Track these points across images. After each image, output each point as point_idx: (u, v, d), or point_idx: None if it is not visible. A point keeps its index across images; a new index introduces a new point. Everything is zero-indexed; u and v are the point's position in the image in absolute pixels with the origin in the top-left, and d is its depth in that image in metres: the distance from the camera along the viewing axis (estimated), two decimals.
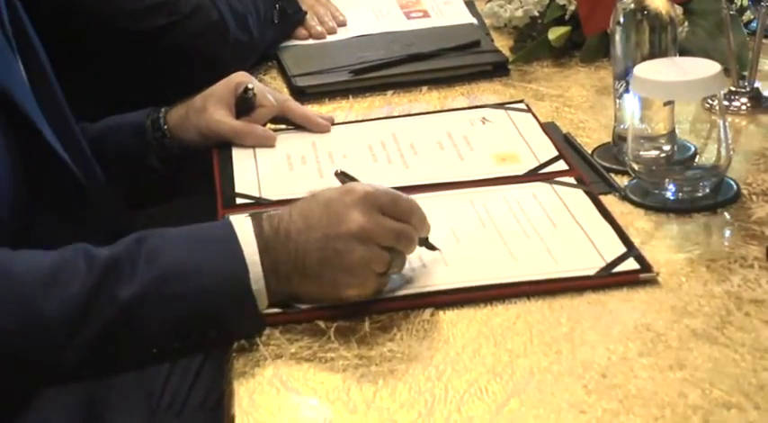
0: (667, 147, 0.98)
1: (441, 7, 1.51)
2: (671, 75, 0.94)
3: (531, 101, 1.19)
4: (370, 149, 1.10)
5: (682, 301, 0.81)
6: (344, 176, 0.87)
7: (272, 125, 1.15)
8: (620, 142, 1.02)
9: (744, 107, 1.13)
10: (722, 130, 0.94)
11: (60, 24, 1.06)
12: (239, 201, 1.01)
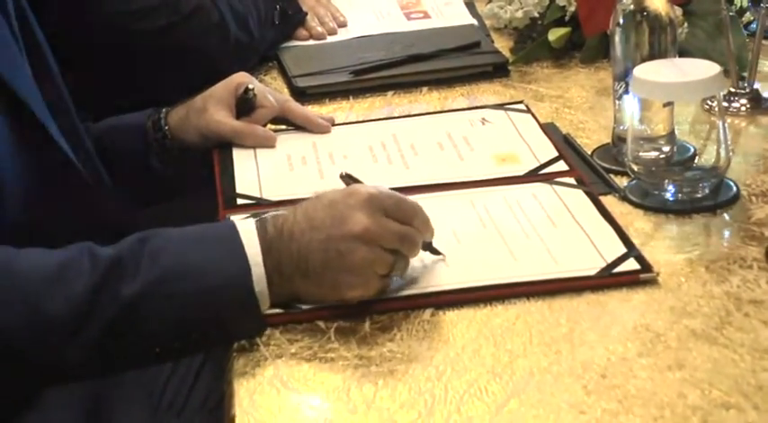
0: (667, 148, 0.98)
1: (441, 8, 1.51)
2: (670, 76, 0.94)
3: (530, 102, 1.19)
4: (371, 150, 1.10)
5: (681, 302, 0.81)
6: (349, 179, 0.87)
7: (272, 126, 1.16)
8: (620, 143, 1.02)
9: (743, 108, 1.13)
10: (722, 131, 0.94)
11: (61, 25, 1.06)
12: (240, 201, 1.01)
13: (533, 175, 1.02)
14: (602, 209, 0.94)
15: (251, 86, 1.12)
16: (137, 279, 0.77)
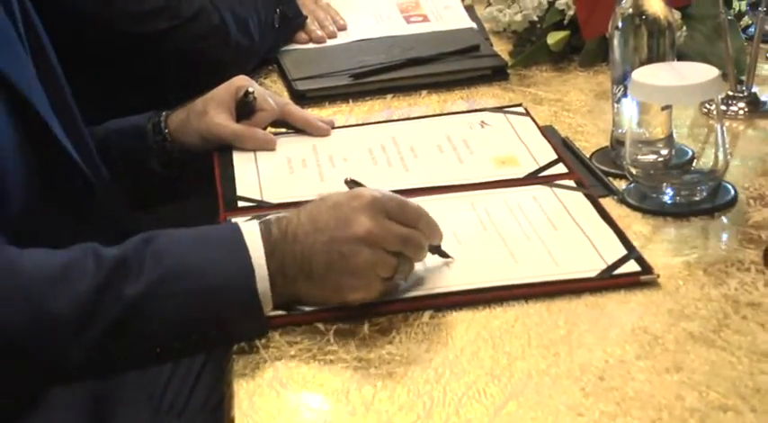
0: (665, 151, 0.98)
1: (440, 12, 1.51)
2: (669, 79, 0.94)
3: (529, 105, 1.20)
4: (370, 153, 1.10)
5: (679, 305, 0.81)
6: (354, 184, 0.87)
7: (272, 129, 1.16)
8: (618, 146, 1.02)
9: (741, 112, 1.13)
10: (720, 134, 0.94)
11: (62, 28, 1.06)
12: (241, 204, 1.01)
13: (533, 178, 1.02)
14: (601, 211, 0.94)
15: (251, 89, 1.13)
16: (140, 279, 0.78)
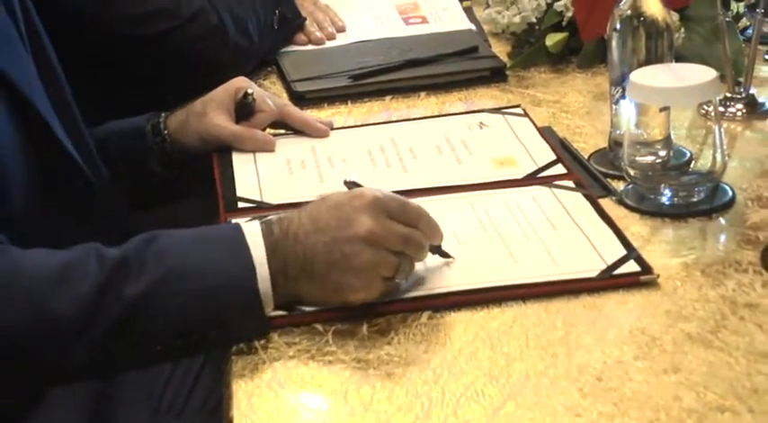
0: (663, 152, 0.98)
1: (439, 13, 1.51)
2: (667, 81, 0.94)
3: (528, 106, 1.20)
4: (369, 154, 1.11)
5: (677, 305, 0.82)
6: (353, 185, 0.88)
7: (271, 130, 1.16)
8: (617, 147, 1.03)
9: (739, 113, 1.14)
10: (718, 135, 0.94)
11: (62, 28, 1.06)
12: (241, 205, 1.02)
13: (532, 179, 1.02)
14: (600, 211, 0.94)
15: (250, 91, 1.13)
16: (141, 279, 0.78)
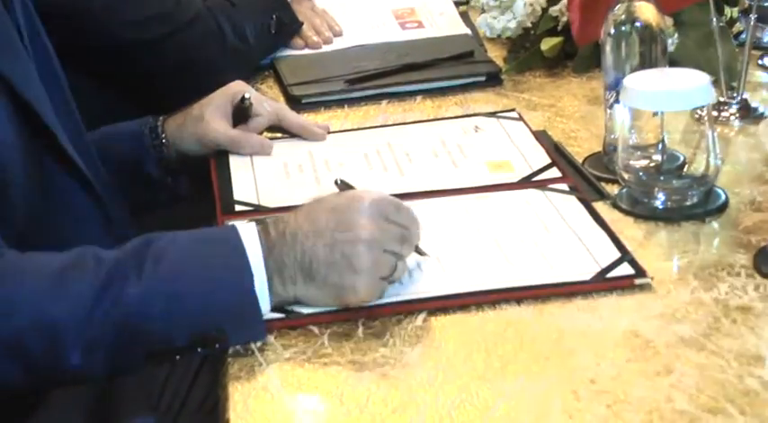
0: (657, 156, 0.99)
1: (435, 18, 1.52)
2: (660, 85, 0.95)
3: (523, 110, 1.20)
4: (366, 157, 1.11)
5: (670, 308, 0.82)
6: (344, 185, 0.88)
7: (268, 134, 1.17)
8: (611, 151, 1.03)
9: (732, 117, 1.14)
10: (711, 140, 0.95)
11: (61, 34, 1.07)
12: (238, 208, 1.02)
13: (527, 182, 1.03)
14: (595, 215, 0.95)
15: (247, 95, 1.13)
16: (139, 281, 0.78)
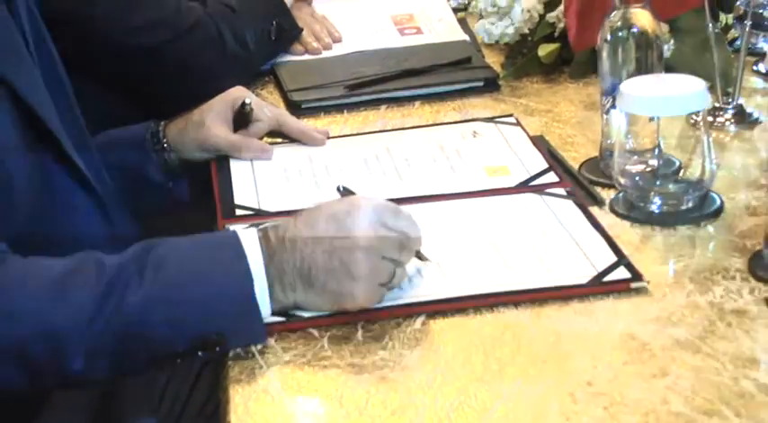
0: (653, 161, 1.00)
1: (434, 24, 1.53)
2: (656, 91, 0.96)
3: (521, 116, 1.21)
4: (365, 162, 1.12)
5: (666, 312, 0.83)
6: (346, 192, 0.89)
7: (268, 139, 1.17)
8: (607, 156, 1.04)
9: (728, 123, 1.15)
10: (706, 145, 0.96)
11: (61, 40, 1.08)
12: (239, 212, 1.03)
13: (524, 187, 1.03)
14: (591, 219, 0.96)
15: (248, 100, 1.14)
16: (141, 287, 0.79)
